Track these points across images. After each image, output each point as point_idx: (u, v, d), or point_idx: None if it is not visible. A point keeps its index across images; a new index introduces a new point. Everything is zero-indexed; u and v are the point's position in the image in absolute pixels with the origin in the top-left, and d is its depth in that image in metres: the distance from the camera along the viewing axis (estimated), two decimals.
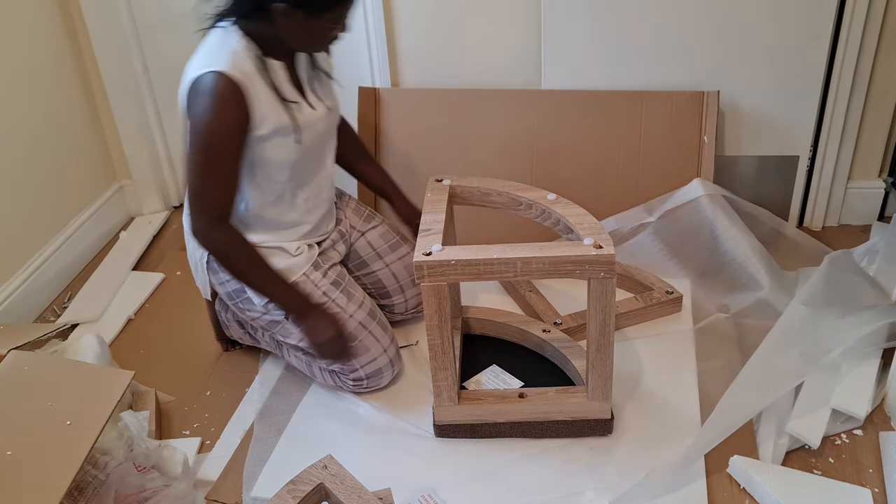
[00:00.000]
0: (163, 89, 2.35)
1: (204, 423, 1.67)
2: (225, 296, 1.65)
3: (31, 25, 2.09)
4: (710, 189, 2.01)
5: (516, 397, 1.54)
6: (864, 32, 1.95)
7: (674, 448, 1.48)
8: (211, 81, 1.41)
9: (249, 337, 1.80)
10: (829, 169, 2.16)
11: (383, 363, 1.66)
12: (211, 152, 1.44)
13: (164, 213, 2.49)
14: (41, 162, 2.13)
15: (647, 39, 2.02)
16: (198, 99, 1.42)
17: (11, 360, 1.43)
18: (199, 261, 1.64)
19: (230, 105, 1.42)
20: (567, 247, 1.37)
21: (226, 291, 1.64)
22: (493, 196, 1.63)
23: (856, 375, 1.59)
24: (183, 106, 1.47)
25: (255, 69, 1.46)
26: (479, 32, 2.09)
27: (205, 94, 1.41)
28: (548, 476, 1.47)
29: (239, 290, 1.61)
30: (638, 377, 1.69)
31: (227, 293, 1.64)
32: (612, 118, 2.07)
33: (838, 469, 1.46)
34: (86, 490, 1.31)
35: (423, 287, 1.39)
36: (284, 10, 1.41)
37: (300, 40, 1.49)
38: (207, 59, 1.44)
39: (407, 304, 1.85)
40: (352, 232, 1.80)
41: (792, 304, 1.67)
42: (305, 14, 1.42)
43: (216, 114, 1.41)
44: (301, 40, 1.49)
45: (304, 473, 1.22)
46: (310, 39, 1.50)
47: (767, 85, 2.04)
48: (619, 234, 2.04)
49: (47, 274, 2.12)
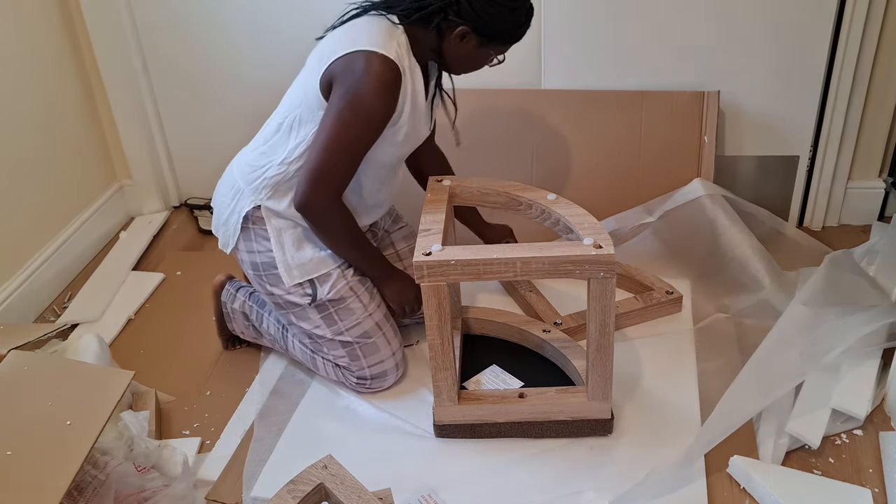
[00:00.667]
0: (163, 89, 2.35)
1: (204, 423, 1.67)
2: (250, 265, 1.63)
3: (31, 25, 2.09)
4: (711, 189, 2.01)
5: (516, 397, 1.54)
6: (864, 32, 1.95)
7: (674, 448, 1.48)
8: (378, 62, 1.40)
9: (253, 330, 1.80)
10: (829, 169, 2.16)
11: (390, 366, 1.66)
12: (359, 131, 1.43)
13: (164, 213, 2.49)
14: (41, 162, 2.13)
15: (647, 39, 2.02)
16: (359, 75, 1.41)
17: (11, 360, 1.43)
18: (234, 217, 1.62)
19: (391, 91, 1.42)
20: (567, 247, 1.37)
21: (253, 261, 1.62)
22: (492, 196, 1.63)
23: (856, 375, 1.59)
24: (319, 73, 1.45)
25: (409, 67, 1.47)
26: None
27: (369, 72, 1.40)
28: (548, 476, 1.47)
29: (268, 264, 1.60)
30: (638, 377, 1.69)
31: (253, 263, 1.62)
32: (612, 118, 2.07)
33: (838, 469, 1.46)
34: (86, 490, 1.31)
35: (423, 287, 1.39)
36: (464, 31, 1.44)
37: (459, 61, 1.52)
38: (372, 40, 1.42)
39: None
40: (379, 230, 1.81)
41: (792, 304, 1.67)
42: (480, 42, 1.46)
43: (378, 96, 1.41)
44: (459, 61, 1.52)
45: (304, 473, 1.22)
46: (468, 63, 1.53)
47: (767, 85, 2.05)
48: (619, 234, 2.04)
49: (47, 274, 2.12)
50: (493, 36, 1.47)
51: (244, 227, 1.61)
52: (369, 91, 1.40)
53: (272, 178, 1.56)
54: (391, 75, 1.42)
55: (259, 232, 1.60)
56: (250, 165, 1.60)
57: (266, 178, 1.57)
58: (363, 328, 1.62)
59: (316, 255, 1.60)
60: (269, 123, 1.62)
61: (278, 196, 1.58)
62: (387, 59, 1.41)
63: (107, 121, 2.37)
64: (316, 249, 1.60)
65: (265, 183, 1.57)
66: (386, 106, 1.43)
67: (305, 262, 1.59)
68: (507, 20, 1.46)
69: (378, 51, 1.41)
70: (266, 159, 1.58)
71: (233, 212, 1.62)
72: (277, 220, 1.59)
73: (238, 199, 1.61)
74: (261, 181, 1.58)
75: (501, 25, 1.46)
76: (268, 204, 1.58)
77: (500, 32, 1.48)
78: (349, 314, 1.61)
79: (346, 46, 1.43)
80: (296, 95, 1.55)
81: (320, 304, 1.61)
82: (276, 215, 1.59)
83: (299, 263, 1.59)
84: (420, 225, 1.48)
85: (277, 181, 1.56)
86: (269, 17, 2.17)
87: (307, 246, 1.60)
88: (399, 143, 1.55)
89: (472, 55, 1.50)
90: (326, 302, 1.61)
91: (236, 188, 1.62)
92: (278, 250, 1.59)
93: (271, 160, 1.56)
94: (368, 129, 1.45)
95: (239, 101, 2.30)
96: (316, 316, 1.62)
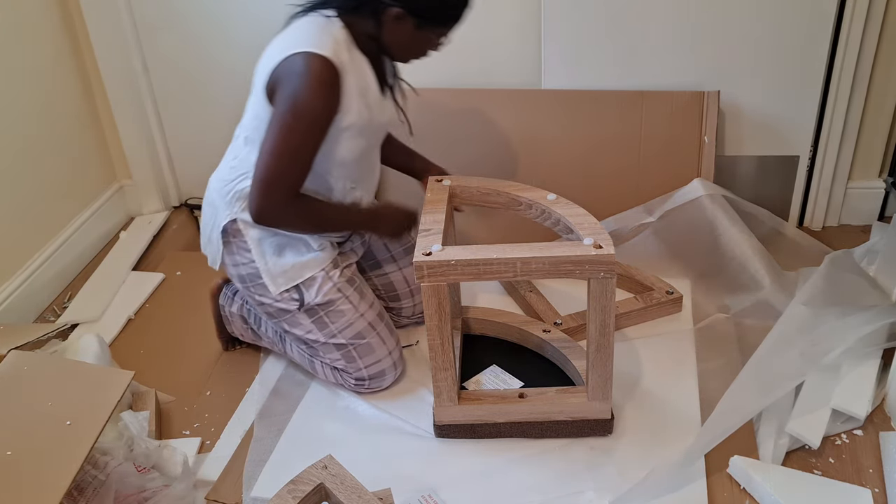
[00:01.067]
0: (163, 89, 2.35)
1: (204, 423, 1.67)
2: (237, 278, 1.64)
3: (31, 25, 2.09)
4: (711, 189, 2.01)
5: (516, 397, 1.54)
6: (864, 32, 1.95)
7: (674, 448, 1.48)
8: (313, 62, 1.39)
9: (252, 333, 1.80)
10: (830, 169, 2.16)
11: (387, 365, 1.66)
12: (303, 132, 1.42)
13: (164, 213, 2.49)
14: (41, 162, 2.13)
15: (646, 39, 2.02)
16: (295, 77, 1.40)
17: (11, 360, 1.43)
18: (215, 233, 1.63)
19: (329, 89, 1.41)
20: (567, 247, 1.37)
21: (238, 274, 1.63)
22: (492, 196, 1.63)
23: (856, 375, 1.59)
24: (264, 82, 1.46)
25: (350, 60, 1.46)
26: (479, 32, 2.09)
27: (305, 73, 1.39)
28: (547, 476, 1.47)
29: (253, 274, 1.60)
30: (638, 377, 1.69)
31: (239, 276, 1.63)
32: (612, 118, 2.07)
33: (838, 469, 1.46)
34: (86, 490, 1.31)
35: (423, 287, 1.39)
36: (398, 14, 1.42)
37: (400, 47, 1.50)
38: (307, 41, 1.42)
39: (415, 309, 1.86)
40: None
41: (792, 305, 1.67)
42: (417, 24, 1.44)
43: (316, 95, 1.40)
44: (401, 47, 1.50)
45: (304, 473, 1.22)
46: (410, 48, 1.51)
47: (767, 85, 2.05)
48: (619, 234, 2.04)
49: (47, 274, 2.12)
50: (427, 15, 1.44)
51: (226, 242, 1.61)
52: (307, 92, 1.40)
53: (243, 191, 1.56)
54: (327, 73, 1.40)
55: (240, 244, 1.60)
56: (223, 181, 1.60)
57: (237, 192, 1.57)
58: (356, 329, 1.62)
59: (298, 260, 1.59)
60: (237, 137, 1.62)
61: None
62: (321, 57, 1.40)
63: (107, 121, 2.37)
64: (297, 255, 1.60)
65: (237, 196, 1.57)
66: (326, 105, 1.42)
67: (288, 269, 1.59)
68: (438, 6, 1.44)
69: (312, 51, 1.40)
70: (236, 173, 1.58)
71: (213, 227, 1.63)
72: (254, 231, 1.59)
73: (216, 215, 1.62)
74: (233, 195, 1.58)
75: (432, 3, 1.44)
76: (242, 216, 1.58)
77: (433, 11, 1.44)
78: (339, 316, 1.61)
79: (282, 52, 1.44)
80: (251, 108, 1.55)
81: (309, 308, 1.61)
82: (252, 226, 1.59)
83: (282, 271, 1.59)
84: (420, 225, 1.49)
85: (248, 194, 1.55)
86: (270, 17, 2.16)
87: (288, 252, 1.60)
88: (354, 138, 1.53)
89: (411, 39, 1.48)
90: (315, 306, 1.60)
91: (213, 204, 1.63)
92: (260, 260, 1.59)
93: (242, 173, 1.57)
94: (311, 131, 1.43)
95: (239, 102, 2.27)
96: (307, 321, 1.62)
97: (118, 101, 2.32)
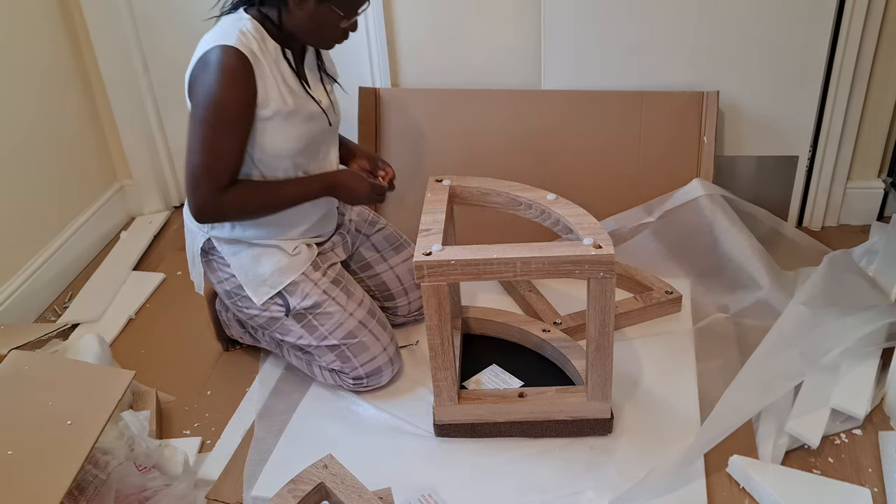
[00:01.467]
0: (163, 89, 2.35)
1: (204, 422, 1.67)
2: (223, 294, 1.66)
3: (32, 25, 2.09)
4: (710, 189, 2.01)
5: (516, 397, 1.54)
6: (863, 32, 1.95)
7: (673, 448, 1.48)
8: (219, 54, 1.41)
9: (250, 336, 1.80)
10: (829, 169, 2.16)
11: (383, 361, 1.66)
12: (216, 123, 1.42)
13: (165, 213, 2.49)
14: (42, 162, 2.13)
15: (647, 39, 2.02)
16: (204, 73, 1.41)
17: (12, 360, 1.43)
18: (196, 256, 1.65)
19: (238, 76, 1.41)
20: (566, 247, 1.37)
21: (224, 290, 1.65)
22: (492, 196, 1.63)
23: (855, 375, 1.59)
24: (188, 84, 1.46)
25: (261, 50, 1.45)
26: (480, 32, 2.09)
27: (212, 66, 1.41)
28: (548, 476, 1.47)
29: (237, 288, 1.61)
30: (638, 377, 1.69)
31: (224, 292, 1.65)
32: (612, 118, 2.07)
33: (838, 469, 1.46)
34: (86, 489, 1.31)
35: (423, 287, 1.39)
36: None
37: (309, 30, 1.48)
38: (214, 38, 1.43)
39: (410, 307, 1.86)
40: (356, 235, 1.81)
41: (791, 304, 1.68)
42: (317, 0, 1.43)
43: (224, 84, 1.40)
44: (310, 30, 1.48)
45: (304, 473, 1.22)
46: (319, 30, 1.49)
47: (767, 85, 2.05)
48: (619, 234, 2.04)
49: (48, 274, 2.12)
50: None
51: (206, 262, 1.63)
52: (216, 83, 1.40)
53: None
54: (235, 62, 1.41)
55: (219, 261, 1.62)
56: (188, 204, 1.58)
57: None
58: (346, 329, 1.62)
59: (277, 266, 1.59)
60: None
61: (219, 226, 1.59)
62: (227, 48, 1.41)
63: (107, 121, 2.37)
64: (275, 262, 1.60)
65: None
66: (238, 93, 1.42)
67: (267, 278, 1.59)
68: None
69: (218, 44, 1.42)
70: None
71: (193, 253, 1.65)
72: (229, 246, 1.60)
73: (193, 240, 1.64)
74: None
75: None
76: (213, 234, 1.60)
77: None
78: (328, 318, 1.61)
79: (194, 55, 1.45)
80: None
81: (297, 313, 1.61)
82: (225, 242, 1.60)
83: (262, 280, 1.60)
84: (420, 225, 1.49)
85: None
86: None
87: (265, 261, 1.60)
88: (283, 127, 1.51)
89: (316, 18, 1.45)
90: (302, 311, 1.60)
91: (190, 230, 1.65)
92: (240, 272, 1.60)
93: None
94: (226, 120, 1.42)
95: None
96: (296, 326, 1.62)
97: (118, 101, 2.32)
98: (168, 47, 2.27)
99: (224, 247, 1.60)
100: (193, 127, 1.44)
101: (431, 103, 2.13)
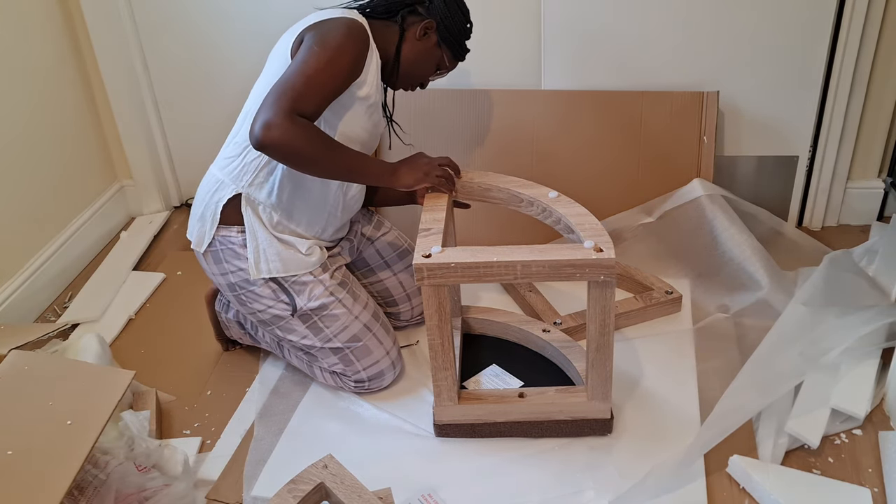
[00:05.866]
0: (163, 89, 2.35)
1: (204, 422, 1.67)
2: (226, 288, 1.62)
3: (32, 25, 2.09)
4: (710, 189, 2.01)
5: (516, 397, 1.54)
6: (863, 33, 1.95)
7: (674, 448, 1.48)
8: (348, 20, 1.47)
9: (250, 337, 1.80)
10: (829, 169, 2.16)
11: (385, 365, 1.66)
12: (325, 60, 1.41)
13: (165, 213, 2.49)
14: (42, 162, 2.13)
15: (646, 39, 2.02)
16: (333, 23, 1.47)
17: (12, 360, 1.43)
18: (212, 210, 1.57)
19: (359, 42, 1.46)
20: (567, 250, 1.37)
21: (228, 283, 1.61)
22: (493, 192, 1.63)
23: (855, 375, 1.59)
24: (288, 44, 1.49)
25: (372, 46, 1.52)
26: (479, 33, 2.08)
27: (342, 22, 1.46)
28: (547, 476, 1.47)
29: (243, 281, 1.59)
30: (638, 377, 1.69)
31: (228, 284, 1.61)
32: (611, 118, 2.07)
33: (838, 469, 1.46)
34: (86, 489, 1.31)
35: (423, 288, 1.39)
36: (429, 25, 1.55)
37: (409, 62, 1.57)
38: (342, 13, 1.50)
39: (413, 312, 1.86)
40: (361, 239, 1.81)
41: (791, 304, 1.68)
42: (438, 41, 1.57)
43: (347, 38, 1.45)
44: (410, 63, 1.57)
45: (304, 473, 1.22)
46: (418, 68, 1.59)
47: (767, 85, 2.05)
48: (619, 234, 2.04)
49: (48, 274, 2.12)
50: (451, 38, 1.57)
51: (212, 252, 1.59)
52: (340, 33, 1.45)
53: (252, 163, 1.54)
54: (361, 31, 1.48)
55: (228, 252, 1.58)
56: (227, 158, 1.58)
57: (246, 164, 1.55)
58: (351, 332, 1.61)
59: (287, 255, 1.57)
60: (239, 120, 1.61)
61: (258, 183, 1.55)
62: (355, 20, 1.48)
63: (107, 121, 2.37)
64: (287, 251, 1.57)
65: (246, 169, 1.55)
66: (354, 49, 1.45)
67: (274, 260, 1.56)
68: (462, 30, 1.59)
69: (342, 16, 1.49)
70: (242, 147, 1.55)
71: (209, 204, 1.58)
72: (252, 213, 1.56)
73: (217, 190, 1.57)
74: (241, 169, 1.55)
75: (459, 24, 1.58)
76: (249, 191, 1.55)
77: (458, 34, 1.58)
78: (334, 320, 1.61)
79: (314, 19, 1.50)
80: (263, 85, 1.54)
81: (303, 314, 1.60)
82: (254, 210, 1.56)
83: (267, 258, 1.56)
84: (420, 224, 1.48)
85: (258, 165, 1.54)
86: (270, 17, 2.17)
87: (280, 246, 1.57)
88: (363, 115, 1.53)
89: (423, 55, 1.57)
90: (308, 311, 1.60)
91: (216, 180, 1.59)
92: (252, 240, 1.56)
93: (248, 146, 1.53)
94: (334, 64, 1.42)
95: (239, 102, 2.28)
96: (301, 327, 1.62)
97: (118, 101, 2.32)
98: (168, 47, 2.27)
99: (248, 210, 1.56)
100: (301, 56, 1.43)
101: (431, 103, 2.13)
